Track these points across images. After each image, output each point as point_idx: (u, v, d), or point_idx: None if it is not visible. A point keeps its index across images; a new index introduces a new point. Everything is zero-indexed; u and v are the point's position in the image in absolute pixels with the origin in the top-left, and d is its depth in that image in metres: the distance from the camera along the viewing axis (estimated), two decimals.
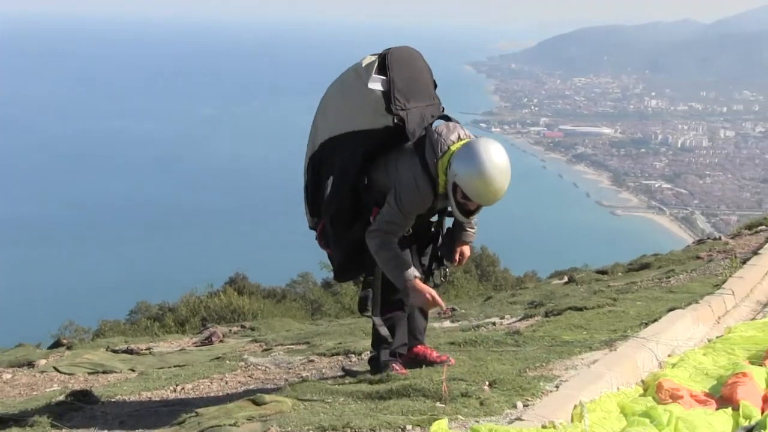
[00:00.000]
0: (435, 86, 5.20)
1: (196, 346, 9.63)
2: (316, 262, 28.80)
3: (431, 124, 4.92)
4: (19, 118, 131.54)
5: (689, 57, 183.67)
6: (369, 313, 4.94)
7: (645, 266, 11.45)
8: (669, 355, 5.49)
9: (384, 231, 4.76)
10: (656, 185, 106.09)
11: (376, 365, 5.10)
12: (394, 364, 5.07)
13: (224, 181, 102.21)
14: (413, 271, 4.74)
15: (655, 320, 6.25)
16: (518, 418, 4.06)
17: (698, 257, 10.60)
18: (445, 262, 5.26)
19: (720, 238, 12.79)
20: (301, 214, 5.50)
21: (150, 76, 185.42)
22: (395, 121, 4.85)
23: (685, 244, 18.70)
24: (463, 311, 10.54)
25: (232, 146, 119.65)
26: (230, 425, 4.25)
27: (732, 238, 12.28)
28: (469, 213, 4.79)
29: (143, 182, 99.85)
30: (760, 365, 4.86)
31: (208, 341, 9.84)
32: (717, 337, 5.86)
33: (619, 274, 11.50)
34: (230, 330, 11.31)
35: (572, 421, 3.97)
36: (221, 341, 9.75)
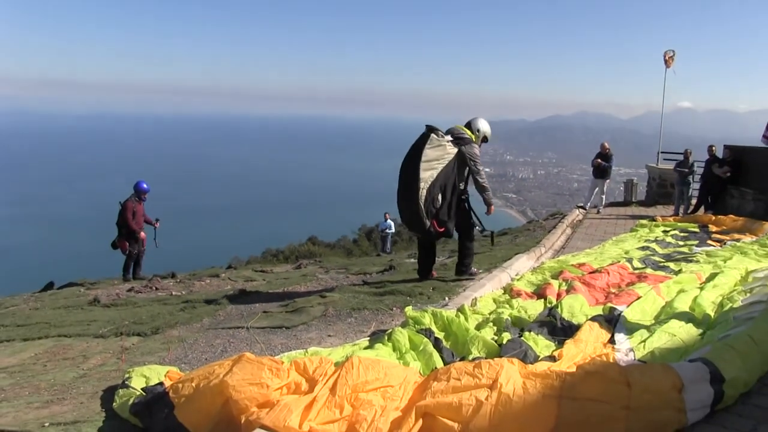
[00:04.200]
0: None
1: (293, 269, 9.58)
2: (350, 231, 28.66)
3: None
4: (226, 168, 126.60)
5: (524, 137, 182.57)
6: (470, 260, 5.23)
7: (505, 234, 11.41)
8: (516, 275, 5.46)
9: (481, 169, 5.00)
10: (510, 195, 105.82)
11: (467, 272, 5.19)
12: (475, 270, 5.29)
13: (308, 190, 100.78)
14: (491, 195, 5.15)
15: (510, 259, 6.22)
16: (446, 305, 4.04)
17: (528, 229, 10.57)
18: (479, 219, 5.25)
19: (539, 221, 12.77)
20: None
21: (274, 147, 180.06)
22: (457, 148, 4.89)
23: (522, 223, 18.59)
24: None
25: (313, 174, 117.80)
26: (309, 307, 4.21)
27: (544, 220, 12.26)
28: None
29: (266, 191, 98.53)
30: (556, 279, 4.84)
31: (299, 267, 9.78)
32: (537, 267, 5.83)
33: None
34: (310, 262, 11.25)
35: (471, 306, 3.94)
36: (305, 267, 9.71)
